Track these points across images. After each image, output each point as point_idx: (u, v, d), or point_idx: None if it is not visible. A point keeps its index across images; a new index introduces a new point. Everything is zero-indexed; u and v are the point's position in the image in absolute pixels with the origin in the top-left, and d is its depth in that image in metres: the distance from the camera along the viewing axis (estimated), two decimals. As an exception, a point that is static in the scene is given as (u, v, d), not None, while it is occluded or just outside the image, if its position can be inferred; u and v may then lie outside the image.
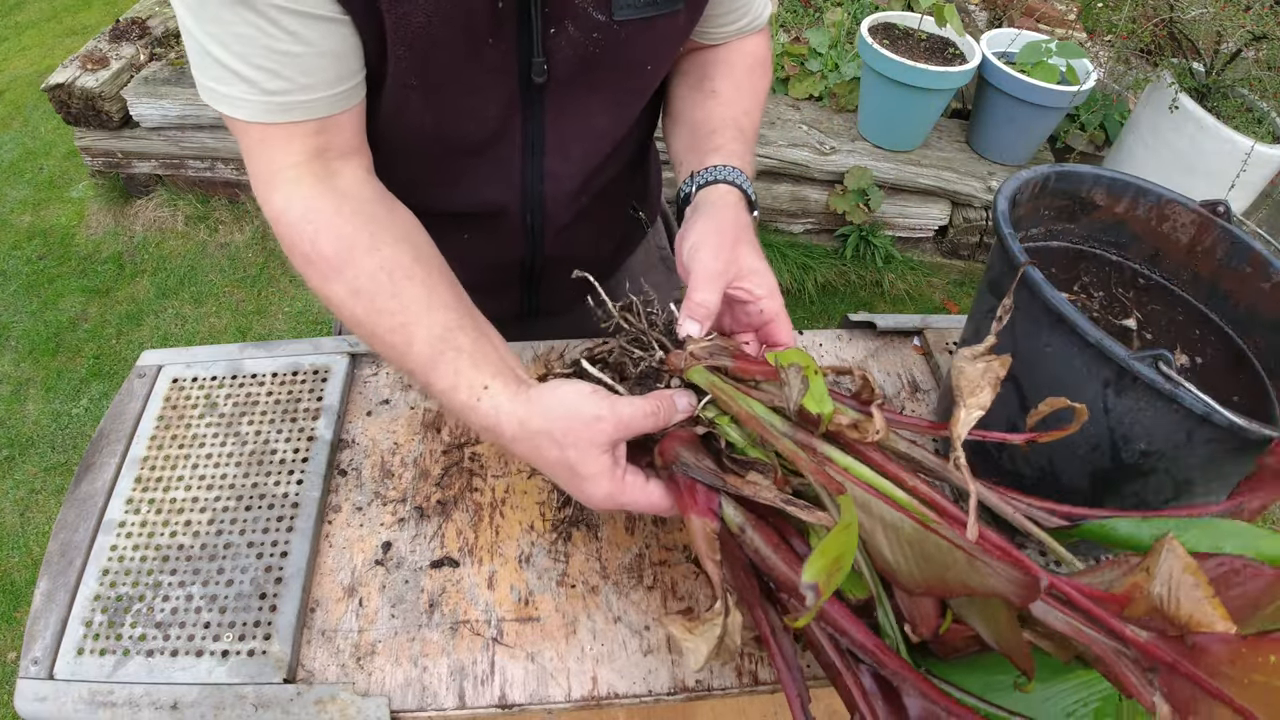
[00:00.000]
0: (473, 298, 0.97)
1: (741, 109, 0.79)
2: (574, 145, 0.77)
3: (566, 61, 0.68)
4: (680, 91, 0.83)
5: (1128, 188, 0.73)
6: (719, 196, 0.71)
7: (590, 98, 0.73)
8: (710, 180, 0.72)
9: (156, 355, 0.86)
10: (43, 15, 3.85)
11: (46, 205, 2.82)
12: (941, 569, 0.46)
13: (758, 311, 0.66)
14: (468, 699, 0.63)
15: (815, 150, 2.47)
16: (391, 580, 0.69)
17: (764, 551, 0.54)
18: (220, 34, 0.57)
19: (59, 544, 0.71)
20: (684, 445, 0.59)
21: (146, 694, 0.62)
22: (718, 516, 0.56)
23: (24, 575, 1.89)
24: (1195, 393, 0.52)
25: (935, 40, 2.45)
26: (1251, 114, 2.23)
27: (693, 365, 0.60)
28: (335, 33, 0.60)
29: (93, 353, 2.36)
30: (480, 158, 0.76)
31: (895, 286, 2.61)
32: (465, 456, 0.78)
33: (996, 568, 0.44)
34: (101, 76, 2.50)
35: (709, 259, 0.64)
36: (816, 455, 0.54)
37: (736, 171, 0.73)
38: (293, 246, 0.63)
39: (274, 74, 0.59)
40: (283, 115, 0.61)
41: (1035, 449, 0.65)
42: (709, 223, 0.68)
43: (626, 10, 0.65)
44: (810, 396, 0.54)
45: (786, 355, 0.57)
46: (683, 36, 0.75)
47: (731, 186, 0.72)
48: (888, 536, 0.49)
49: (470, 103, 0.70)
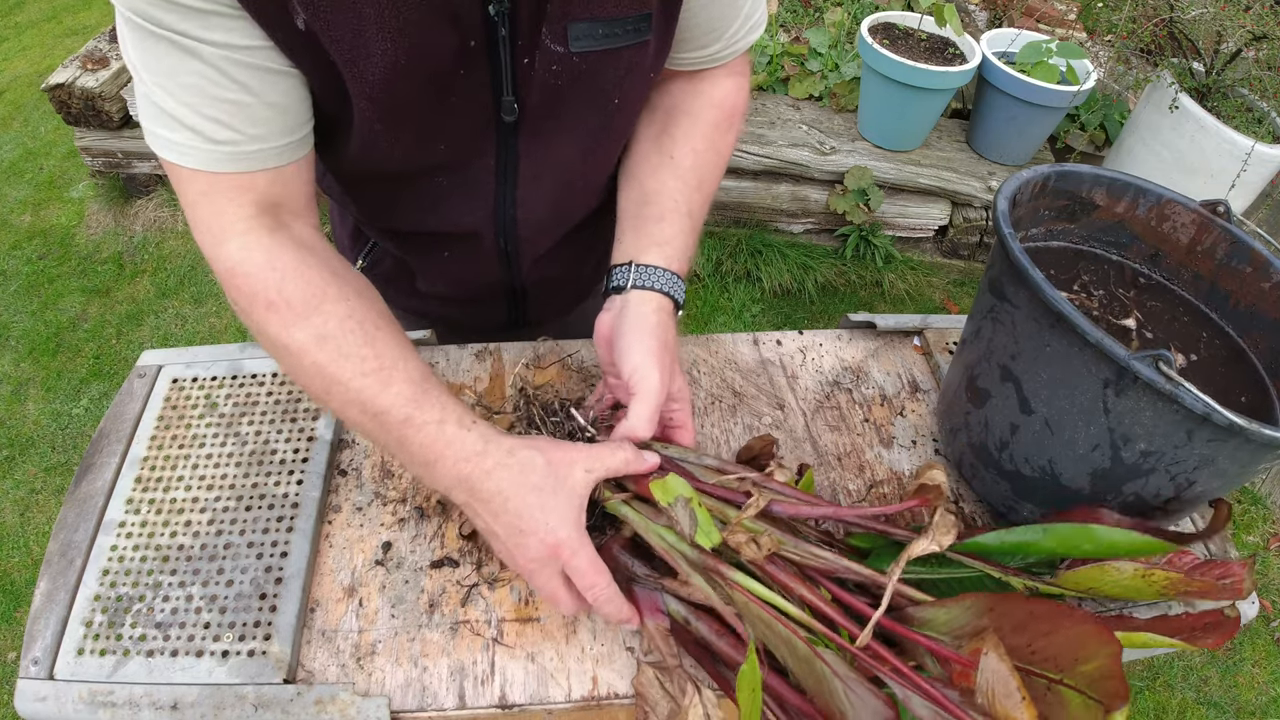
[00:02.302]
0: (460, 309, 0.97)
1: (695, 183, 0.76)
2: (546, 176, 0.76)
3: (535, 95, 0.66)
4: (640, 145, 0.79)
5: (1128, 188, 0.73)
6: (655, 309, 0.70)
7: (560, 131, 0.71)
8: (645, 285, 0.71)
9: (156, 355, 0.86)
10: (43, 15, 3.86)
11: (46, 205, 2.82)
12: (827, 693, 0.55)
13: (670, 419, 0.71)
14: (468, 699, 0.63)
15: (815, 150, 2.47)
16: (391, 580, 0.69)
17: (709, 638, 0.61)
18: (168, 83, 0.56)
19: (59, 544, 0.71)
20: (621, 550, 0.64)
21: (146, 694, 0.62)
22: (665, 613, 0.62)
23: (24, 575, 1.89)
24: (1195, 392, 0.52)
25: (935, 40, 2.45)
26: (1251, 114, 2.23)
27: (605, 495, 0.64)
28: (283, 85, 0.59)
29: (93, 353, 2.36)
30: (452, 185, 0.75)
31: (895, 286, 2.61)
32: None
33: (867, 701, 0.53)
34: (101, 76, 2.50)
35: (654, 389, 0.66)
36: (724, 579, 0.59)
37: (674, 280, 0.72)
38: (253, 296, 0.61)
39: (221, 124, 0.58)
40: (231, 165, 0.60)
41: (1036, 449, 0.65)
42: (649, 342, 0.68)
43: (583, 42, 0.63)
44: (700, 531, 0.59)
45: (669, 489, 0.61)
46: (653, 69, 0.72)
47: (665, 297, 0.71)
48: (789, 653, 0.57)
49: (440, 138, 0.69)
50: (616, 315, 0.71)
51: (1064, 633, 0.53)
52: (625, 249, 0.74)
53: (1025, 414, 0.65)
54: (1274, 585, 1.99)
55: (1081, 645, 0.53)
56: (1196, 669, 1.84)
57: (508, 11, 0.59)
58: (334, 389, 0.61)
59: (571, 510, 0.59)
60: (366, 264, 0.95)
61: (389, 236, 0.88)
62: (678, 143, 0.76)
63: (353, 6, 0.55)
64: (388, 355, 0.61)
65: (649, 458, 0.64)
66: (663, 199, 0.74)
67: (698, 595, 0.60)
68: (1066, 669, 0.53)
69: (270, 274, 0.61)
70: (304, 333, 0.61)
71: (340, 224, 0.97)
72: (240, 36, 0.55)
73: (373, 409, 0.60)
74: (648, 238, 0.73)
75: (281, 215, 0.64)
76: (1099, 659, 0.52)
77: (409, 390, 0.60)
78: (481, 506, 0.60)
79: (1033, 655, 0.54)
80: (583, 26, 0.62)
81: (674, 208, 0.74)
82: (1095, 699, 0.52)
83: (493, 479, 0.59)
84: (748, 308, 2.54)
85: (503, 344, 0.90)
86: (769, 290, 2.57)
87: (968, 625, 0.56)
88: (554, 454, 0.61)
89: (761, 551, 0.58)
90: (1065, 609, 0.54)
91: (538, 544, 0.59)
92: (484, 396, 0.84)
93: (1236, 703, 1.79)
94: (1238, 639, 1.89)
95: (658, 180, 0.75)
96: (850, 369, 0.90)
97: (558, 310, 1.01)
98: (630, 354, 0.68)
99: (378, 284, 0.96)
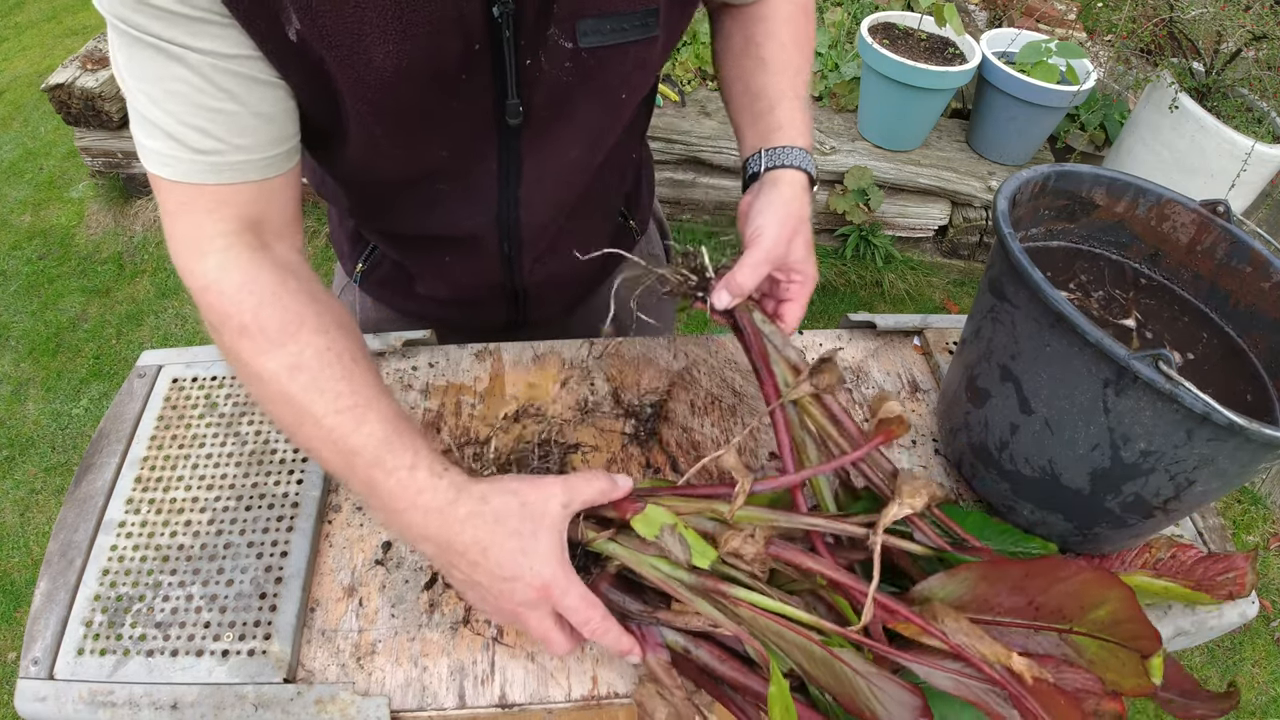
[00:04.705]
0: (460, 311, 0.97)
1: (793, 73, 0.79)
2: (549, 177, 0.76)
3: (541, 95, 0.66)
4: (727, 60, 0.82)
5: (1128, 188, 0.73)
6: (787, 181, 0.73)
7: (565, 130, 0.71)
8: (779, 164, 0.74)
9: (156, 355, 0.86)
10: (43, 15, 3.86)
11: (46, 205, 2.82)
12: (851, 692, 0.54)
13: (785, 291, 0.73)
14: (468, 699, 0.63)
15: (815, 150, 2.47)
16: (392, 580, 0.69)
17: (712, 664, 0.60)
18: (152, 90, 0.55)
19: (59, 544, 0.71)
20: (610, 587, 0.62)
21: (146, 694, 0.62)
22: (664, 646, 0.61)
23: (24, 575, 1.89)
24: (1195, 392, 0.52)
25: (935, 40, 2.45)
26: (1251, 114, 2.23)
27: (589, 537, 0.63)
28: (271, 95, 0.58)
29: (93, 353, 2.36)
30: (454, 189, 0.75)
31: (895, 286, 2.61)
32: (466, 457, 0.78)
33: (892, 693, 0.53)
34: (101, 76, 2.50)
35: (769, 244, 0.69)
36: (727, 599, 0.58)
37: (803, 154, 0.75)
38: (225, 318, 0.59)
39: (205, 133, 0.56)
40: (213, 176, 0.58)
41: (1036, 449, 0.65)
42: (778, 208, 0.71)
43: (592, 38, 0.63)
44: (695, 553, 0.59)
45: (652, 521, 0.60)
46: (659, 64, 0.73)
47: (798, 171, 0.74)
48: (805, 658, 0.56)
49: (442, 142, 0.68)
50: (754, 195, 0.74)
51: (1063, 584, 0.54)
52: (750, 142, 0.78)
53: (1025, 414, 0.65)
54: (1274, 585, 1.99)
55: (1084, 593, 0.53)
56: (1196, 669, 1.84)
57: (511, 12, 0.59)
58: (305, 423, 0.58)
59: (555, 549, 0.57)
60: (366, 267, 0.95)
61: (389, 240, 0.88)
62: (764, 45, 0.79)
63: (354, 10, 0.54)
64: (363, 393, 0.59)
65: (621, 482, 0.62)
66: (768, 92, 0.78)
67: (696, 623, 0.59)
68: (1075, 618, 0.54)
69: (247, 297, 0.59)
70: (276, 362, 0.58)
71: (339, 227, 0.97)
72: (228, 45, 0.54)
73: (344, 447, 0.57)
74: (767, 126, 0.76)
75: (264, 234, 0.62)
76: (1109, 603, 0.53)
77: (381, 430, 0.58)
78: (458, 559, 0.57)
79: (1037, 611, 0.55)
80: (591, 22, 0.62)
81: (780, 95, 0.77)
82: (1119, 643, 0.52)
83: (468, 530, 0.57)
84: (748, 308, 2.53)
85: (503, 344, 0.90)
86: (769, 290, 2.57)
87: (965, 595, 0.56)
88: (528, 494, 0.59)
89: (759, 544, 0.58)
90: (1059, 561, 0.55)
91: (524, 588, 0.56)
92: (484, 396, 0.84)
93: (1236, 703, 1.78)
94: (1238, 639, 1.89)
95: (758, 81, 0.79)
96: (850, 369, 0.90)
97: (558, 311, 1.01)
98: (756, 218, 0.71)
99: (376, 287, 0.97)
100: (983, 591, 0.56)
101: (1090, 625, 0.53)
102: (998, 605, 0.56)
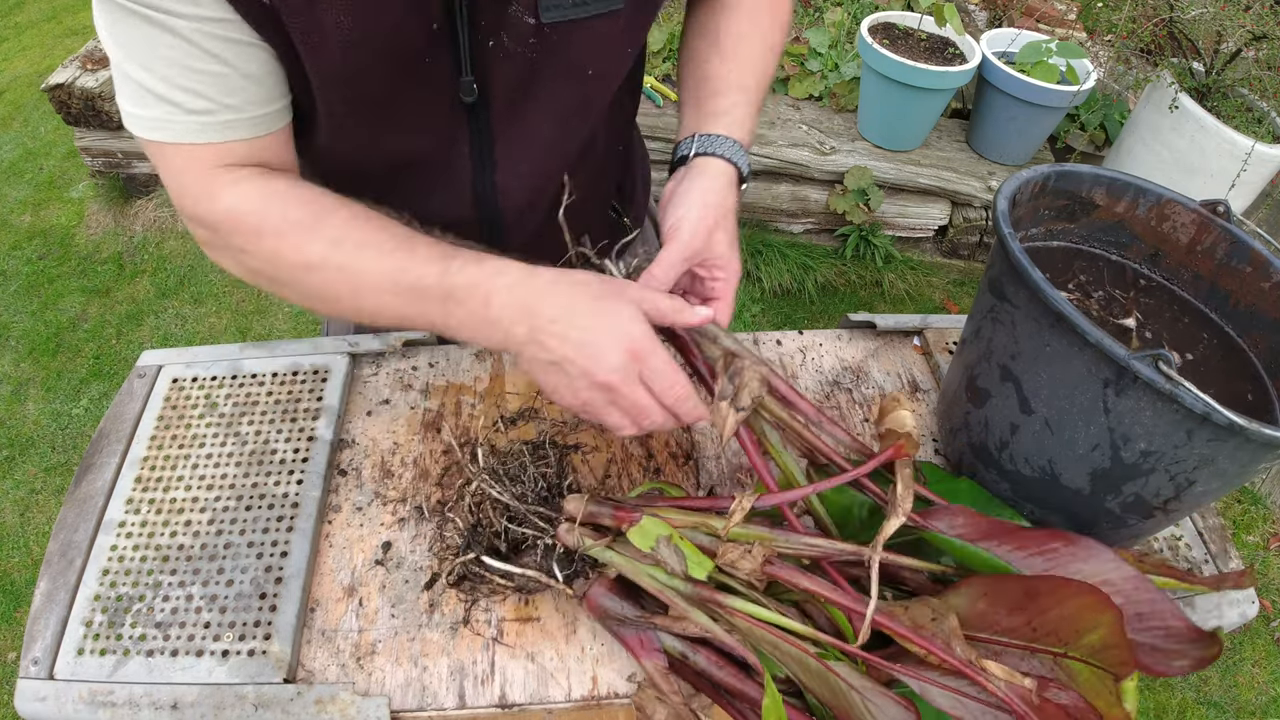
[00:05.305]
0: None
1: (747, 65, 0.78)
2: (522, 160, 0.76)
3: (506, 74, 0.66)
4: (686, 44, 0.82)
5: (1128, 188, 0.73)
6: (714, 172, 0.72)
7: (534, 110, 0.71)
8: (708, 151, 0.73)
9: (156, 355, 0.86)
10: (43, 15, 3.85)
11: (46, 205, 2.82)
12: (846, 705, 0.55)
13: (710, 289, 0.71)
14: (468, 699, 0.63)
15: (815, 150, 2.47)
16: (391, 580, 0.69)
17: (709, 670, 0.60)
18: (143, 57, 0.57)
19: (59, 544, 0.71)
20: (607, 594, 0.63)
21: (146, 694, 0.62)
22: (661, 651, 0.61)
23: (24, 575, 1.89)
24: (1195, 392, 0.52)
25: (935, 40, 2.45)
26: (1251, 114, 2.23)
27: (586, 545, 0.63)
28: (259, 57, 0.60)
29: (93, 353, 2.36)
30: (430, 175, 0.75)
31: (895, 286, 2.61)
32: (466, 456, 0.78)
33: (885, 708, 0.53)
34: (101, 76, 2.50)
35: (686, 237, 0.68)
36: (723, 609, 0.58)
37: (736, 146, 0.74)
38: (260, 230, 0.62)
39: (198, 94, 0.58)
40: (209, 135, 0.61)
41: (1036, 449, 0.65)
42: (697, 197, 0.69)
43: (554, 12, 0.63)
44: (691, 564, 0.59)
45: (647, 533, 0.60)
46: (628, 39, 0.72)
47: (726, 163, 0.73)
48: (801, 670, 0.57)
49: (408, 123, 0.69)
50: (677, 181, 0.73)
51: (1062, 606, 0.53)
52: (687, 126, 0.77)
53: (1025, 414, 0.65)
54: (1274, 585, 1.99)
55: (1080, 617, 0.53)
56: (1196, 669, 1.84)
57: None
58: (362, 283, 0.61)
59: (637, 315, 0.59)
60: None
61: None
62: (721, 34, 0.79)
63: None
64: (403, 233, 0.63)
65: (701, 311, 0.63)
66: (716, 79, 0.78)
67: (693, 629, 0.60)
68: (1070, 642, 0.53)
69: (272, 204, 0.62)
70: (318, 244, 0.62)
71: None
72: (210, 9, 0.56)
73: (406, 281, 0.61)
74: (706, 112, 0.76)
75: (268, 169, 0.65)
76: (1100, 628, 0.52)
77: (438, 249, 0.61)
78: (546, 334, 0.58)
79: (1034, 633, 0.54)
80: None
81: (727, 85, 0.77)
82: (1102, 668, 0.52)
83: (553, 296, 0.59)
84: (747, 308, 2.54)
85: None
86: (769, 290, 2.57)
87: (966, 611, 0.56)
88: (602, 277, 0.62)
89: (757, 560, 0.58)
90: (1061, 582, 0.54)
91: (614, 348, 0.58)
92: (483, 395, 0.84)
93: (1236, 703, 1.79)
94: (1238, 639, 1.89)
95: (709, 66, 0.78)
96: (850, 369, 0.90)
97: None
98: (676, 209, 0.69)
99: None
100: (983, 609, 0.56)
101: (1083, 650, 0.53)
102: (996, 624, 0.55)
